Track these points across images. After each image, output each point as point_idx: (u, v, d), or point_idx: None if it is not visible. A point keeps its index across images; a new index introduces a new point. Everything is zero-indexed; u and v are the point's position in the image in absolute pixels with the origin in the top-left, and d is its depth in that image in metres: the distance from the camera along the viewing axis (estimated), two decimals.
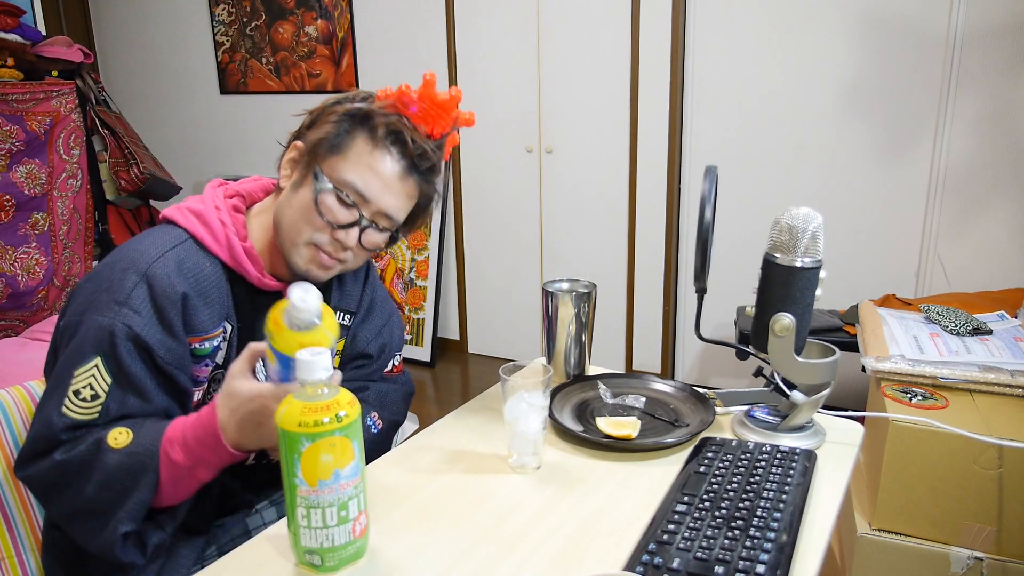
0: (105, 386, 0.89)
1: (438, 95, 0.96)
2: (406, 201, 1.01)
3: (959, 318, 1.71)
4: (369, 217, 0.98)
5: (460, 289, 3.48)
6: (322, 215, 0.96)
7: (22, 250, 2.69)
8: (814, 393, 1.01)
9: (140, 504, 0.86)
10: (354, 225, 0.97)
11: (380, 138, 0.95)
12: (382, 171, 0.96)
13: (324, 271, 1.00)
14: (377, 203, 0.97)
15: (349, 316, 1.16)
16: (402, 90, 0.96)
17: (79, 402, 0.88)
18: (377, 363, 1.20)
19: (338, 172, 0.96)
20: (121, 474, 0.85)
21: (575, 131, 3.04)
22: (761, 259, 0.99)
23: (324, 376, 0.73)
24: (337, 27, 3.45)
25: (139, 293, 0.90)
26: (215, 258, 0.98)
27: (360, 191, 0.96)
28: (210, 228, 0.98)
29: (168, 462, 0.86)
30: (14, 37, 2.65)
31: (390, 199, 0.98)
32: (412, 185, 1.00)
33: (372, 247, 1.01)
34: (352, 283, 1.17)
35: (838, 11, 2.51)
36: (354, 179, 0.95)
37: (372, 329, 1.19)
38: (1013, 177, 2.38)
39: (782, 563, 0.73)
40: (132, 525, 0.86)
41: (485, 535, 0.82)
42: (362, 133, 0.96)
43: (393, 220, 1.00)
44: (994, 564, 1.37)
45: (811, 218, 0.95)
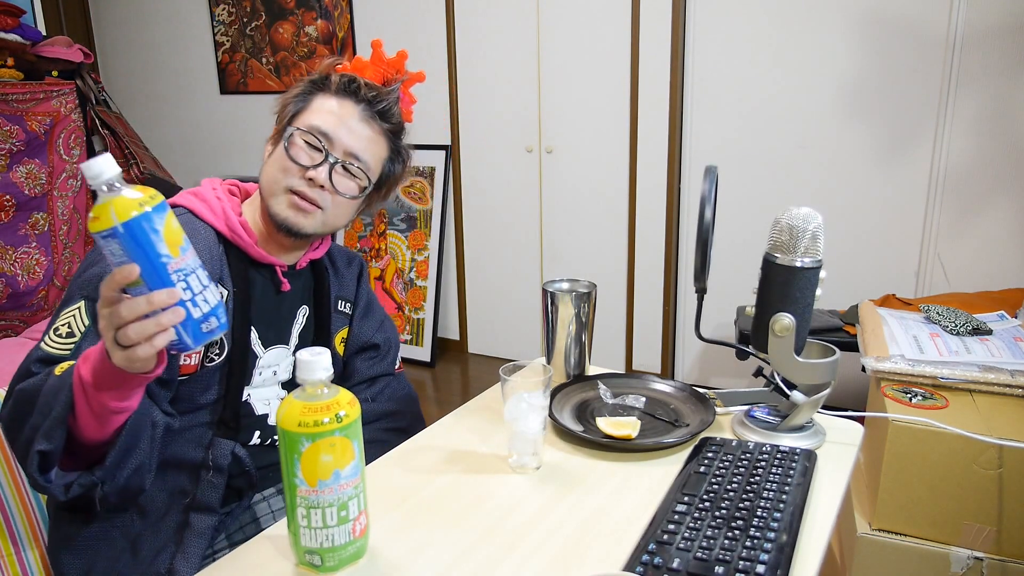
0: (82, 327, 0.92)
1: (385, 56, 1.10)
2: (370, 144, 1.07)
3: (959, 318, 1.71)
4: (337, 156, 1.04)
5: (460, 289, 3.48)
6: (293, 159, 1.03)
7: (22, 250, 2.69)
8: (814, 393, 1.01)
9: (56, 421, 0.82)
10: (323, 163, 1.03)
11: (336, 89, 1.06)
12: (342, 113, 1.05)
13: (303, 215, 1.04)
14: (342, 143, 1.04)
15: (348, 305, 1.21)
16: (356, 59, 1.09)
17: (56, 338, 0.92)
18: (388, 357, 1.25)
19: (304, 123, 1.05)
20: (49, 395, 0.84)
21: (575, 131, 3.04)
22: (761, 259, 1.00)
23: (324, 376, 0.73)
24: (337, 27, 3.45)
25: None
26: (209, 226, 1.05)
27: (323, 130, 1.03)
28: (206, 202, 1.06)
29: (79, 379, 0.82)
30: (14, 37, 2.65)
31: (353, 139, 1.05)
32: (373, 126, 1.07)
33: (344, 191, 1.06)
34: (347, 272, 1.22)
35: (838, 11, 2.51)
36: (316, 122, 1.04)
37: (373, 323, 1.24)
38: (1013, 177, 2.38)
39: (782, 563, 0.73)
40: (47, 444, 0.82)
41: (485, 535, 0.82)
42: (321, 90, 1.07)
43: (361, 162, 1.06)
44: (994, 564, 1.37)
45: (811, 218, 0.95)
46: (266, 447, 1.10)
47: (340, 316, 1.19)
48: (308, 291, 1.16)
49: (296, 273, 1.13)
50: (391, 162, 1.12)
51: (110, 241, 0.70)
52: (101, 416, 0.84)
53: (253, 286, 1.07)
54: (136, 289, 0.72)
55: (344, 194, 1.06)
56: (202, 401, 1.02)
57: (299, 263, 1.13)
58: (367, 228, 3.56)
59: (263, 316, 1.08)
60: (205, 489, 1.00)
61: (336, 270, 1.20)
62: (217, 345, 1.02)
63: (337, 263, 1.21)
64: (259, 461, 1.07)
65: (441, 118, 3.33)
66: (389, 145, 1.11)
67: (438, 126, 3.35)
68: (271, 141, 1.10)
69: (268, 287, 1.09)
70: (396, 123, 1.11)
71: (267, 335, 1.09)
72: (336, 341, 1.18)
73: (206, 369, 1.01)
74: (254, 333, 1.07)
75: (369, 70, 1.09)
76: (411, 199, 3.45)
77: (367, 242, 3.56)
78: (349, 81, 1.06)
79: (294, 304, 1.13)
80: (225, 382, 1.03)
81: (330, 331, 1.16)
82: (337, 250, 1.22)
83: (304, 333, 1.14)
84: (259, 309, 1.08)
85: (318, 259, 1.16)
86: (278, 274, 1.09)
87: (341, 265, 1.21)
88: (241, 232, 1.05)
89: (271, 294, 1.10)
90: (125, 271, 0.71)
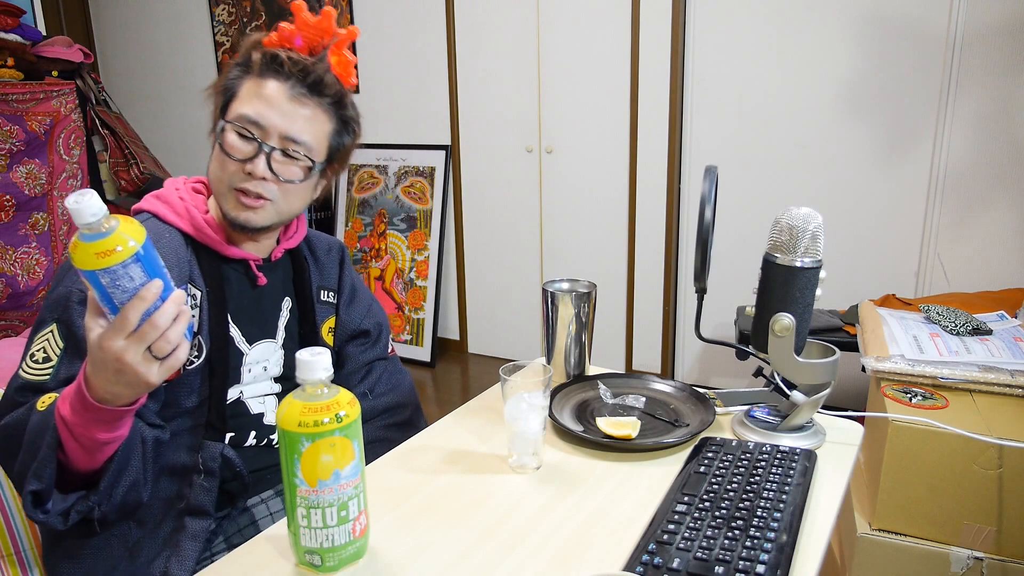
0: (58, 350, 0.91)
1: (310, 18, 1.00)
2: (308, 123, 1.00)
3: (959, 318, 1.71)
4: (274, 144, 0.99)
5: (460, 289, 3.48)
6: (228, 154, 0.98)
7: (22, 250, 2.69)
8: (814, 393, 1.01)
9: (44, 462, 0.83)
10: (258, 154, 0.98)
11: (260, 70, 0.99)
12: (269, 96, 0.98)
13: (252, 212, 1.01)
14: (275, 128, 0.98)
15: (332, 294, 1.19)
16: (281, 28, 1.00)
17: (33, 364, 0.91)
18: (380, 342, 1.23)
19: (233, 112, 0.99)
20: (34, 434, 0.85)
21: (575, 131, 3.04)
22: (761, 259, 1.00)
23: (324, 376, 0.73)
24: None
25: None
26: (175, 229, 1.02)
27: (253, 119, 0.98)
28: (170, 204, 1.03)
29: (60, 419, 0.83)
30: (14, 37, 2.65)
31: (287, 122, 0.98)
32: (307, 106, 1.00)
33: (289, 177, 1.01)
34: (327, 260, 1.19)
35: (838, 11, 2.51)
36: (246, 111, 0.98)
37: (361, 308, 1.22)
38: (1013, 177, 2.38)
39: (782, 563, 0.73)
40: (37, 484, 0.83)
41: (485, 535, 0.82)
42: (246, 74, 1.00)
43: (301, 144, 1.00)
44: (994, 564, 1.37)
45: (811, 218, 0.95)
46: (262, 448, 1.09)
47: (324, 306, 1.17)
48: (289, 282, 1.13)
49: (273, 265, 1.10)
50: (339, 135, 1.05)
51: (131, 267, 0.72)
52: (91, 449, 0.85)
53: (228, 283, 1.04)
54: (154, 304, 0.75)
55: (290, 180, 1.01)
56: (188, 405, 1.00)
57: (274, 254, 1.10)
58: (367, 228, 3.56)
59: (243, 313, 1.06)
60: (198, 493, 0.99)
61: (316, 259, 1.17)
62: (195, 347, 1.00)
63: (317, 251, 1.18)
64: (256, 463, 1.07)
65: (441, 118, 3.33)
66: (333, 117, 1.03)
67: (438, 126, 3.35)
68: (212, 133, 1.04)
69: (244, 283, 1.07)
70: (334, 93, 1.02)
71: (250, 331, 1.07)
72: (324, 332, 1.16)
73: (188, 372, 0.99)
74: (236, 331, 1.05)
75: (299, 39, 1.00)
76: (411, 199, 3.45)
77: (367, 242, 3.56)
78: (271, 59, 0.98)
79: (276, 297, 1.11)
80: (208, 383, 1.01)
81: (315, 322, 1.14)
82: (316, 237, 1.20)
83: (290, 326, 1.12)
84: (237, 306, 1.05)
85: (296, 248, 1.14)
86: (252, 268, 1.07)
87: (321, 253, 1.18)
88: (208, 230, 1.02)
89: (248, 289, 1.07)
90: (154, 288, 0.74)
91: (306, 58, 0.99)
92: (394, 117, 3.44)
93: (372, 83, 3.45)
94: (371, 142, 3.51)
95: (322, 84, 1.00)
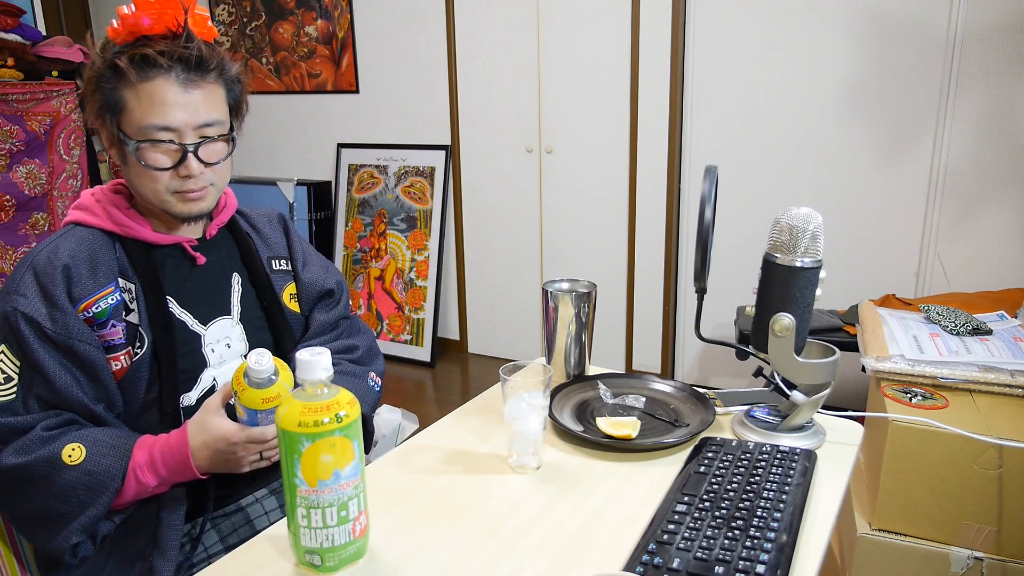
0: (15, 367, 0.94)
1: None
2: (209, 103, 1.00)
3: (959, 318, 1.71)
4: (192, 140, 0.98)
5: (460, 289, 3.48)
6: (152, 166, 0.98)
7: (22, 250, 2.69)
8: (814, 393, 1.01)
9: (94, 519, 0.92)
10: (185, 156, 0.98)
11: (136, 75, 0.95)
12: (164, 97, 0.96)
13: (202, 203, 1.03)
14: (185, 124, 0.97)
15: (284, 261, 1.20)
16: (123, 15, 0.96)
17: None
18: (342, 300, 1.26)
19: (135, 124, 0.97)
20: (78, 490, 0.91)
21: (575, 131, 3.04)
22: (761, 259, 1.00)
23: (324, 376, 0.73)
24: (337, 27, 3.45)
25: (26, 279, 0.96)
26: (97, 230, 1.03)
27: (161, 126, 0.96)
28: (88, 209, 1.04)
29: (135, 483, 0.94)
30: (14, 37, 2.65)
31: (192, 112, 0.97)
32: (200, 86, 0.98)
33: (218, 159, 1.02)
34: (270, 231, 1.21)
35: (838, 11, 2.51)
36: (150, 120, 0.96)
37: (319, 269, 1.24)
38: (1013, 177, 2.38)
39: (782, 563, 0.73)
40: (83, 536, 0.93)
41: (485, 535, 0.82)
42: (121, 82, 0.96)
43: (216, 124, 1.00)
44: (994, 564, 1.37)
45: (811, 218, 0.95)
46: None
47: (280, 275, 1.18)
48: (236, 259, 1.14)
49: (210, 244, 1.11)
50: (231, 91, 1.05)
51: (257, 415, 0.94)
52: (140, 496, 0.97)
53: (163, 270, 1.05)
54: None
55: (220, 160, 1.02)
56: (146, 399, 1.01)
57: (208, 232, 1.11)
58: (367, 228, 3.56)
59: (188, 296, 1.06)
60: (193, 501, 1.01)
61: (258, 231, 1.19)
62: (137, 338, 1.00)
63: (258, 224, 1.20)
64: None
65: (441, 118, 3.33)
66: (220, 81, 1.02)
67: (438, 126, 3.35)
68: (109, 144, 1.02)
69: (183, 266, 1.07)
70: (216, 63, 1.00)
71: (201, 311, 1.07)
72: (285, 299, 1.17)
73: (136, 364, 1.00)
74: (187, 315, 1.05)
75: (142, 18, 0.96)
76: (411, 199, 3.45)
77: (367, 242, 3.56)
78: (142, 60, 0.95)
79: (222, 274, 1.11)
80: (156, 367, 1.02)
81: (275, 291, 1.15)
82: (252, 211, 1.21)
83: (245, 299, 1.12)
84: (180, 290, 1.06)
85: (235, 225, 1.15)
86: (188, 250, 1.07)
87: (262, 225, 1.20)
88: (130, 223, 1.03)
89: (188, 272, 1.07)
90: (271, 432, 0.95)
91: (175, 44, 0.96)
92: (394, 117, 3.44)
93: (372, 83, 3.45)
94: (371, 142, 3.51)
95: (202, 60, 0.98)
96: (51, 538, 0.92)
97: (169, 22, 0.97)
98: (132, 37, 0.97)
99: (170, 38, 0.97)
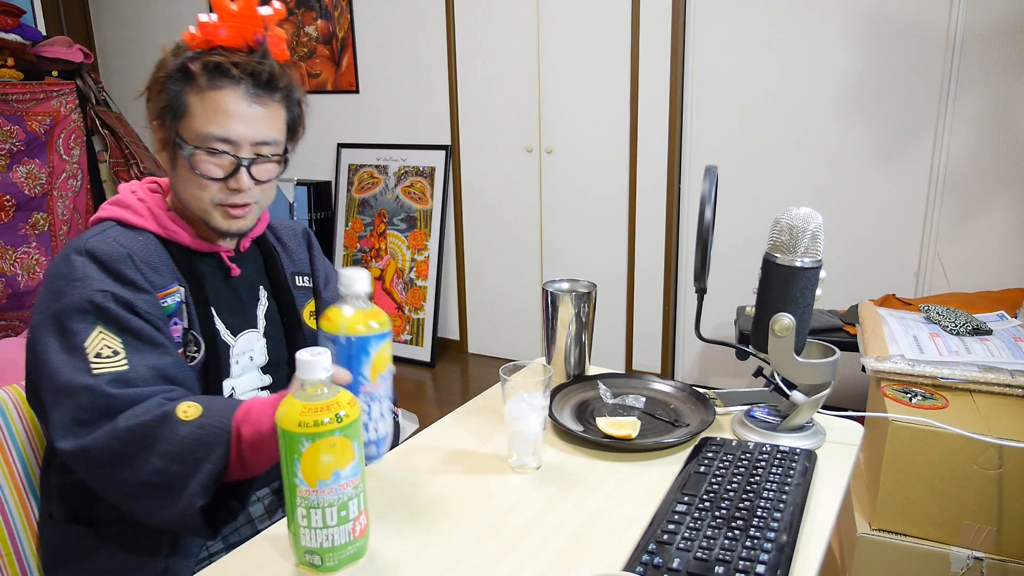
0: (119, 343, 0.90)
1: (231, 7, 0.97)
2: (270, 121, 1.00)
3: (959, 318, 1.71)
4: (247, 155, 0.98)
5: (460, 289, 3.48)
6: (204, 175, 0.97)
7: (22, 250, 2.69)
8: (814, 393, 1.01)
9: (212, 477, 0.84)
10: (237, 169, 0.98)
11: (206, 81, 0.95)
12: (229, 108, 0.96)
13: (242, 220, 1.02)
14: (244, 138, 0.97)
15: (307, 278, 1.19)
16: (202, 23, 0.96)
17: (104, 360, 0.88)
18: None
19: (194, 131, 0.96)
20: (193, 446, 0.85)
21: (575, 131, 3.04)
22: (761, 259, 1.00)
23: (324, 376, 0.73)
24: (337, 27, 3.45)
25: (90, 268, 0.92)
26: (144, 230, 1.00)
27: (221, 136, 0.96)
28: (131, 208, 1.01)
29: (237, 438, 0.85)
30: (14, 37, 2.65)
31: (253, 128, 0.97)
32: (265, 104, 0.99)
33: (268, 177, 1.02)
34: (297, 247, 1.20)
35: (838, 11, 2.51)
36: (210, 129, 0.96)
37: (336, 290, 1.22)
38: (1013, 177, 2.38)
39: (782, 563, 0.73)
40: (207, 498, 0.85)
41: (485, 535, 0.82)
42: (190, 87, 0.96)
43: (273, 144, 1.00)
44: (994, 564, 1.37)
45: (811, 218, 0.95)
46: None
47: (302, 291, 1.17)
48: (261, 271, 1.14)
49: (243, 255, 1.11)
50: (291, 112, 1.04)
51: (330, 344, 0.82)
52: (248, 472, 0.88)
53: (203, 277, 1.04)
54: None
55: (269, 179, 1.02)
56: None
57: (242, 244, 1.11)
58: (367, 228, 3.56)
59: (223, 305, 1.06)
60: None
61: (284, 246, 1.18)
62: (193, 343, 1.00)
63: (284, 238, 1.19)
64: None
65: (441, 118, 3.33)
66: (283, 103, 1.02)
67: (438, 126, 3.35)
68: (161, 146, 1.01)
69: (218, 276, 1.07)
70: (284, 84, 1.01)
71: (232, 323, 1.07)
72: (305, 316, 1.17)
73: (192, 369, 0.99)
74: (220, 324, 1.05)
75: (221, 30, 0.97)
76: (411, 199, 3.45)
77: (367, 242, 3.56)
78: (216, 68, 0.95)
79: (251, 286, 1.11)
80: (204, 379, 1.01)
81: (296, 308, 1.15)
82: (280, 224, 1.21)
83: (269, 313, 1.12)
84: (217, 299, 1.05)
85: (262, 237, 1.15)
86: (225, 260, 1.07)
87: (288, 239, 1.19)
88: (174, 227, 1.02)
89: (223, 282, 1.07)
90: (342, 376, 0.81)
91: (250, 58, 0.97)
92: (394, 117, 3.44)
93: (372, 83, 3.45)
94: (371, 142, 3.51)
95: (272, 79, 0.99)
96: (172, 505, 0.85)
97: (247, 37, 0.98)
98: (207, 45, 0.97)
99: (245, 52, 0.98)
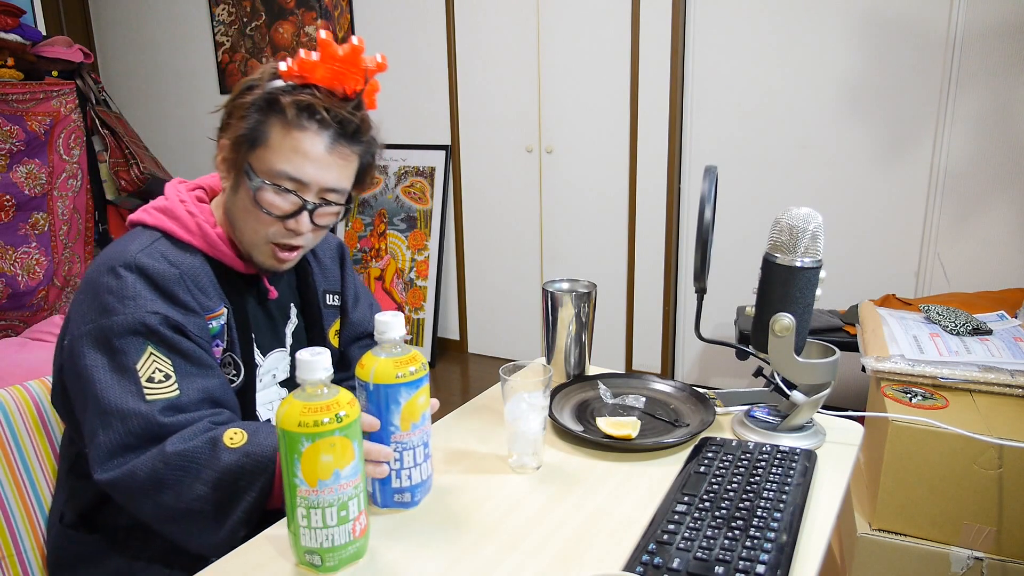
0: (170, 366, 0.89)
1: (338, 51, 0.92)
2: (344, 170, 0.97)
3: (959, 318, 1.71)
4: (313, 199, 0.96)
5: (460, 289, 3.48)
6: (266, 211, 0.95)
7: (22, 250, 2.69)
8: (814, 393, 1.01)
9: (256, 507, 0.85)
10: (300, 211, 0.96)
11: (294, 119, 0.91)
12: (308, 151, 0.93)
13: (288, 263, 1.01)
14: (315, 183, 0.95)
15: (336, 297, 1.18)
16: (301, 59, 0.92)
17: (156, 385, 0.87)
18: None
19: (267, 164, 0.93)
20: (238, 473, 0.84)
21: (575, 131, 3.04)
22: (761, 259, 1.00)
23: (324, 376, 0.73)
24: (337, 27, 3.45)
25: (140, 286, 0.90)
26: (192, 247, 0.98)
27: (293, 177, 0.93)
28: (180, 221, 0.98)
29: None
30: (14, 37, 2.65)
31: (326, 174, 0.95)
32: (344, 153, 0.96)
33: (326, 224, 1.00)
34: (331, 263, 1.18)
35: (838, 11, 2.51)
36: (284, 167, 0.93)
37: (366, 309, 1.22)
38: (1013, 177, 2.38)
39: (782, 563, 0.73)
40: (250, 527, 0.85)
41: (485, 535, 0.82)
42: (275, 119, 0.92)
43: (339, 192, 0.98)
44: (994, 564, 1.37)
45: (811, 218, 0.95)
46: None
47: (330, 310, 1.16)
48: (292, 287, 1.12)
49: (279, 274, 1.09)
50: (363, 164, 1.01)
51: (362, 391, 0.83)
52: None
53: (244, 298, 1.03)
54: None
55: (327, 225, 1.00)
56: None
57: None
58: (367, 228, 3.56)
59: (257, 325, 1.05)
60: None
61: (319, 261, 1.16)
62: (232, 366, 0.99)
63: (319, 253, 1.16)
64: None
65: (441, 118, 3.33)
66: (360, 154, 0.99)
67: (438, 126, 3.35)
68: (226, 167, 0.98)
69: (255, 296, 1.06)
70: (368, 138, 0.99)
71: (263, 342, 1.06)
72: (331, 335, 1.16)
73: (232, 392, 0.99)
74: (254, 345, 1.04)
75: (320, 70, 0.93)
76: (411, 199, 3.45)
77: (367, 242, 3.56)
78: (306, 108, 0.91)
79: (283, 305, 1.10)
80: (242, 400, 1.01)
81: (323, 326, 1.13)
82: None
83: (297, 332, 1.11)
84: (254, 321, 1.04)
85: None
86: (265, 283, 1.06)
87: (323, 254, 1.17)
88: (222, 247, 0.99)
89: (258, 302, 1.06)
90: (369, 422, 0.81)
91: (343, 105, 0.94)
92: (394, 117, 3.44)
93: None
94: None
95: (358, 132, 0.96)
96: (215, 532, 0.85)
97: (346, 84, 0.94)
98: (301, 81, 0.93)
99: (339, 97, 0.94)
